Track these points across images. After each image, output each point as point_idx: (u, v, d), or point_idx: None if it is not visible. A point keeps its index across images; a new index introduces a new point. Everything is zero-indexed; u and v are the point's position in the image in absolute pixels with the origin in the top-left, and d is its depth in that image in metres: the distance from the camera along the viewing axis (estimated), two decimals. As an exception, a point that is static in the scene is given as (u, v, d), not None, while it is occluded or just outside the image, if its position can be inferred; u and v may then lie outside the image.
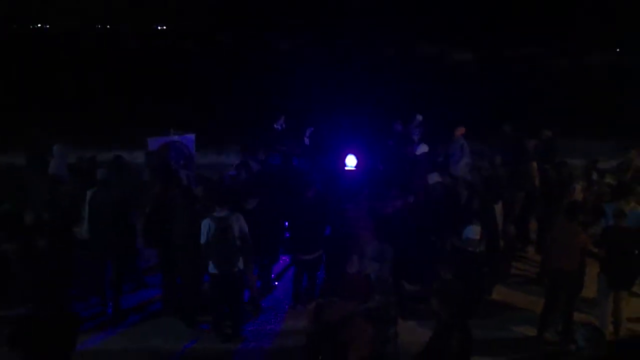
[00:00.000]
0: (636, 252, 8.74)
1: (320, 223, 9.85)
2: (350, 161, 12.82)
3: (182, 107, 25.95)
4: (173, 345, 8.74)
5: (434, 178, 11.16)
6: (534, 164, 12.38)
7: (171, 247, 9.01)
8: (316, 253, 9.70)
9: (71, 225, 9.23)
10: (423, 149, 13.35)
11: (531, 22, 71.94)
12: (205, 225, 8.49)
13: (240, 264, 8.69)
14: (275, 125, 15.22)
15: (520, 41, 77.57)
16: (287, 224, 10.99)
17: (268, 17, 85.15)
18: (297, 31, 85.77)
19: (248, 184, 10.82)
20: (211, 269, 8.60)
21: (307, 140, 14.62)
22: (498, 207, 10.23)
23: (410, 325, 8.74)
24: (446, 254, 10.27)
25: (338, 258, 9.67)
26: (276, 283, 10.76)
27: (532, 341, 9.00)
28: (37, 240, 8.20)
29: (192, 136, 13.87)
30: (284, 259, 11.42)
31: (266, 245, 9.96)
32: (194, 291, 9.27)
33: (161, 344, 8.80)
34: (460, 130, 14.26)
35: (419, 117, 15.81)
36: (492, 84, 39.66)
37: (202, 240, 8.51)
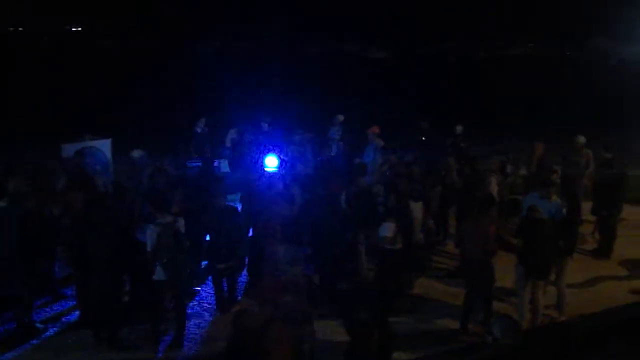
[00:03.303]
0: (550, 242, 9.06)
1: (235, 231, 9.57)
2: (271, 162, 12.32)
3: (97, 110, 25.19)
4: (91, 357, 8.45)
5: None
6: (452, 159, 12.66)
7: (88, 260, 8.63)
8: (230, 261, 9.54)
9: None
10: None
11: (447, 18, 73.70)
12: (152, 232, 8.29)
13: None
14: (195, 128, 14.91)
15: (435, 37, 79.36)
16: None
17: (187, 17, 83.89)
18: (216, 31, 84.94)
19: (168, 189, 10.58)
20: (158, 275, 8.38)
21: (228, 142, 14.44)
22: (419, 204, 10.38)
23: (330, 324, 8.77)
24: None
25: (256, 263, 9.67)
26: (198, 288, 10.57)
27: (455, 333, 9.13)
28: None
29: (108, 141, 13.52)
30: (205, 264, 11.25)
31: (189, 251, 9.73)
32: (114, 304, 8.98)
33: (79, 356, 8.50)
34: (374, 129, 14.24)
35: (340, 117, 15.81)
36: (407, 81, 40.16)
37: (149, 248, 8.31)
